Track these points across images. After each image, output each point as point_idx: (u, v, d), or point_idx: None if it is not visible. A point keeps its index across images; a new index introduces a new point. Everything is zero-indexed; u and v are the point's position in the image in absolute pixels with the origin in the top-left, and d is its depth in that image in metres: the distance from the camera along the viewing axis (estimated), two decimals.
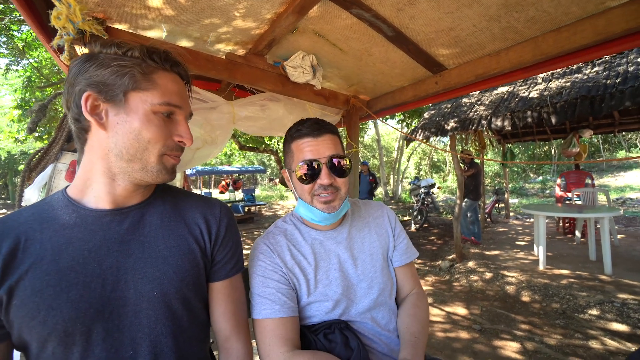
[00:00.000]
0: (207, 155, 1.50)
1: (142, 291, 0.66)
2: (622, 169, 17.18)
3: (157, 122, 0.66)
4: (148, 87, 0.65)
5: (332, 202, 0.87)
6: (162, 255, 0.70)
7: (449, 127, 4.92)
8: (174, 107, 0.68)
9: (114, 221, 0.68)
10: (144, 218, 0.72)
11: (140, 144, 0.65)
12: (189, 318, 0.72)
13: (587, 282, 3.59)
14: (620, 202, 10.30)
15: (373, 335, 0.92)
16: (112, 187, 0.68)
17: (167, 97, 0.66)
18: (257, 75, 1.59)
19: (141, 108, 0.64)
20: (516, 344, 2.57)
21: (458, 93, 1.64)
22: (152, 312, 0.67)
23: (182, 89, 0.71)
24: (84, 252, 0.64)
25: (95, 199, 0.68)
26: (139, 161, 0.66)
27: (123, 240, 0.67)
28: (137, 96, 0.64)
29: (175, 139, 0.69)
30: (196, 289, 0.74)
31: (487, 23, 1.19)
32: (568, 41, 1.09)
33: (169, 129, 0.68)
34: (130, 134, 0.64)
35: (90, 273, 0.63)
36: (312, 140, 0.87)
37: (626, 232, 6.11)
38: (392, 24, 1.29)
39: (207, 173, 13.62)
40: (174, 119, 0.69)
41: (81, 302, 0.61)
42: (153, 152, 0.66)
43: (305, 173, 0.86)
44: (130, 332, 0.65)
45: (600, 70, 4.16)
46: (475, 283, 3.97)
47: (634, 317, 2.84)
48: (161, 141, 0.66)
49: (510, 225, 7.32)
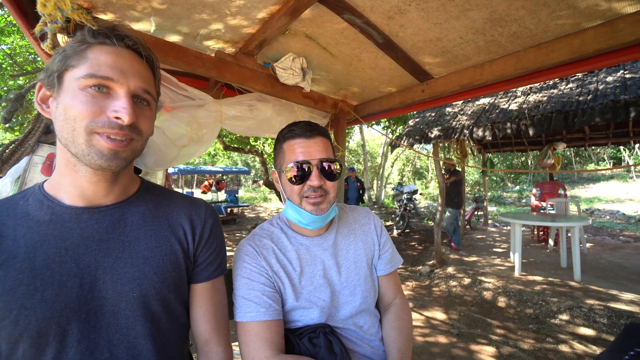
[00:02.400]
0: (192, 153, 1.47)
1: (121, 291, 0.64)
2: (591, 181, 18.17)
3: (83, 97, 0.58)
4: (78, 63, 0.59)
5: (320, 205, 0.87)
6: (143, 256, 0.67)
7: (432, 135, 5.05)
8: (104, 78, 0.59)
9: (92, 219, 0.65)
10: (125, 217, 0.69)
11: (69, 124, 0.59)
12: (169, 320, 0.70)
13: (559, 288, 3.75)
14: (589, 212, 10.86)
15: (356, 339, 0.93)
16: (77, 179, 0.64)
17: (93, 68, 0.58)
18: (246, 75, 1.57)
19: (69, 86, 0.59)
20: (492, 348, 2.65)
21: (443, 102, 1.69)
22: (131, 313, 0.65)
23: (124, 60, 0.62)
24: (60, 250, 0.61)
25: (67, 194, 0.65)
26: (72, 144, 0.60)
27: (102, 239, 0.65)
28: (69, 75, 0.60)
29: (110, 115, 0.60)
30: (177, 290, 0.72)
31: (473, 36, 1.24)
32: (547, 57, 1.15)
33: (101, 105, 0.59)
34: (61, 115, 0.60)
35: (67, 272, 0.60)
36: (304, 141, 0.86)
37: (594, 240, 6.45)
38: (382, 31, 1.32)
39: (190, 172, 13.32)
40: (111, 94, 0.61)
41: (56, 301, 0.58)
42: (79, 130, 0.59)
43: (295, 174, 0.85)
44: (107, 333, 0.62)
45: (574, 87, 4.40)
46: (454, 288, 4.07)
47: (599, 321, 3.00)
48: (88, 117, 0.58)
49: (488, 233, 7.56)
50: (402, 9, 1.15)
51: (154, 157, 1.28)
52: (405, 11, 1.17)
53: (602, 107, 3.54)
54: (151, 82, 0.68)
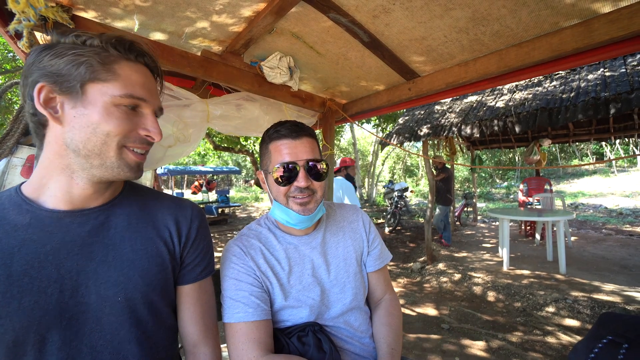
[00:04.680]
0: (179, 153, 1.46)
1: (105, 296, 0.62)
2: (575, 176, 18.66)
3: (118, 114, 0.61)
4: (108, 77, 0.60)
5: (307, 205, 0.87)
6: (127, 259, 0.66)
7: (422, 133, 5.11)
8: (138, 99, 0.63)
9: (74, 223, 0.64)
10: (109, 220, 0.68)
11: (99, 138, 0.60)
12: (155, 323, 0.69)
13: (545, 281, 3.85)
14: (574, 207, 11.16)
15: (346, 336, 0.94)
16: (69, 185, 0.63)
17: (129, 88, 0.61)
18: (233, 74, 1.56)
19: (100, 100, 0.59)
20: (481, 342, 2.70)
21: (430, 99, 1.71)
22: (115, 319, 0.63)
23: (149, 81, 0.67)
24: (39, 255, 0.59)
25: (52, 198, 0.63)
26: (97, 157, 0.61)
27: (85, 243, 0.63)
28: (96, 88, 0.60)
29: (142, 132, 0.65)
30: (163, 293, 0.71)
31: (456, 34, 1.26)
32: (528, 55, 1.17)
33: (133, 122, 0.64)
34: (87, 127, 0.59)
35: (47, 278, 0.58)
36: (291, 142, 0.86)
37: (578, 234, 6.63)
38: (367, 30, 1.33)
39: (180, 173, 13.14)
40: (139, 112, 0.65)
41: (35, 309, 0.56)
42: (112, 145, 0.61)
43: (282, 175, 0.85)
44: (90, 339, 0.61)
45: (558, 84, 4.51)
46: (445, 284, 4.13)
47: (583, 312, 3.09)
48: (122, 133, 0.62)
49: (477, 228, 7.69)
50: (387, 7, 1.16)
51: None
52: (389, 10, 1.18)
53: (584, 104, 3.64)
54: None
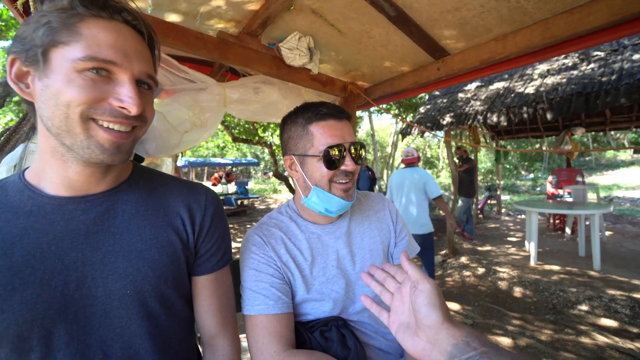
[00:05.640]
0: (195, 139, 1.42)
1: (113, 289, 0.58)
2: (610, 167, 17.57)
3: (80, 81, 0.50)
4: (69, 39, 0.50)
5: (350, 190, 0.84)
6: (136, 249, 0.61)
7: (444, 122, 4.90)
8: (106, 62, 0.51)
9: (78, 210, 0.58)
10: (116, 206, 0.62)
11: (61, 111, 0.50)
12: (168, 316, 0.65)
13: (577, 277, 3.63)
14: (608, 200, 10.51)
15: (371, 331, 0.89)
16: (64, 169, 0.57)
17: (92, 49, 0.50)
18: (250, 56, 1.49)
19: (61, 67, 0.50)
20: (508, 338, 2.58)
21: (461, 79, 1.58)
22: (125, 312, 0.59)
23: (127, 41, 0.55)
24: (41, 245, 0.55)
25: (51, 184, 0.58)
26: (67, 134, 0.52)
27: (90, 232, 0.58)
28: (59, 53, 0.50)
29: (114, 103, 0.53)
30: (176, 285, 0.66)
31: (495, 3, 1.13)
32: (580, 22, 1.03)
33: (102, 91, 0.52)
34: (50, 100, 0.51)
35: (50, 269, 0.54)
36: (336, 123, 0.82)
37: (614, 229, 6.23)
38: (394, 3, 1.21)
39: (200, 165, 13.43)
40: (112, 78, 0.53)
41: (38, 302, 0.53)
42: (74, 117, 0.51)
43: (332, 157, 0.79)
44: (99, 334, 0.57)
45: (596, 67, 4.17)
46: (468, 278, 3.98)
47: (621, 312, 2.88)
48: (86, 103, 0.51)
49: (502, 222, 7.40)
50: None
51: (154, 143, 1.23)
52: None
53: (628, 87, 3.34)
54: (152, 64, 0.61)
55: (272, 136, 7.95)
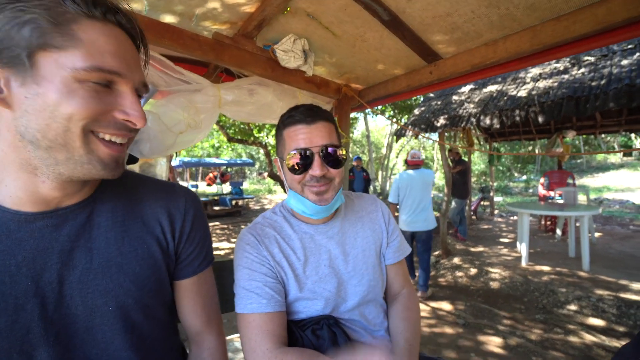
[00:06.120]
0: (190, 140, 1.42)
1: (93, 306, 0.55)
2: (600, 170, 17.87)
3: (83, 93, 0.46)
4: (65, 43, 0.44)
5: (324, 194, 0.82)
6: (115, 264, 0.58)
7: (438, 124, 4.94)
8: (110, 73, 0.47)
9: (49, 226, 0.53)
10: (91, 219, 0.57)
11: (60, 124, 0.45)
12: (151, 325, 0.64)
13: (567, 278, 3.69)
14: (598, 202, 10.68)
15: (360, 328, 0.91)
16: (34, 184, 0.50)
17: (97, 58, 0.45)
18: (245, 58, 1.50)
19: (57, 75, 0.44)
20: (499, 338, 2.61)
21: (453, 83, 1.61)
22: (108, 327, 0.57)
23: (125, 47, 0.50)
24: (10, 268, 0.50)
25: (12, 199, 0.51)
26: (63, 148, 0.47)
27: (64, 249, 0.54)
28: (50, 58, 0.44)
29: (119, 116, 0.50)
30: (158, 294, 0.65)
31: (485, 9, 1.16)
32: (567, 30, 1.06)
33: (105, 103, 0.48)
34: (44, 111, 0.45)
35: (23, 293, 0.50)
36: (305, 127, 0.81)
37: (603, 230, 6.34)
38: (388, 7, 1.24)
39: (194, 165, 13.35)
40: (115, 89, 0.50)
41: (14, 329, 0.49)
42: (75, 131, 0.46)
43: (297, 162, 0.79)
44: (82, 351, 0.55)
45: (586, 71, 4.24)
46: (460, 279, 4.02)
47: (608, 312, 2.94)
48: (90, 117, 0.47)
49: (494, 223, 7.48)
50: None
51: (149, 144, 1.23)
52: None
53: (617, 91, 3.41)
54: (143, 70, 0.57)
55: (267, 136, 7.93)
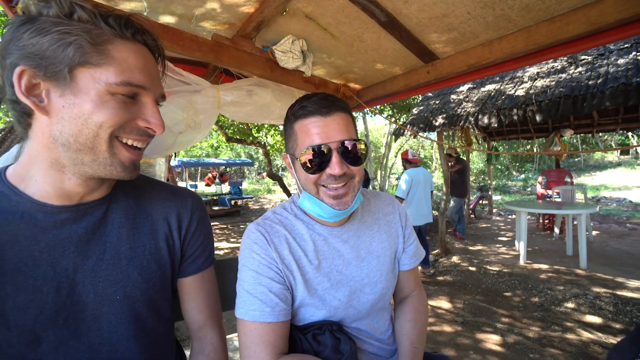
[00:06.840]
0: (190, 140, 1.43)
1: (103, 295, 0.61)
2: (597, 168, 17.94)
3: (113, 104, 0.53)
4: (101, 61, 0.52)
5: (344, 197, 0.74)
6: (126, 256, 0.64)
7: (437, 123, 4.96)
8: (137, 87, 0.55)
9: (69, 219, 0.59)
10: (107, 215, 0.64)
11: (91, 130, 0.53)
12: (154, 319, 0.68)
13: (564, 276, 3.72)
14: (595, 200, 10.73)
15: (365, 336, 0.86)
16: (60, 180, 0.57)
17: (127, 74, 0.53)
18: (244, 59, 1.52)
19: (93, 88, 0.52)
20: (497, 336, 2.64)
21: (450, 83, 1.62)
22: (114, 317, 0.62)
23: (149, 63, 0.58)
24: (33, 252, 0.56)
25: (40, 192, 0.57)
26: (90, 151, 0.54)
27: (81, 241, 0.60)
28: (87, 73, 0.52)
29: (141, 124, 0.58)
30: (162, 289, 0.70)
31: (481, 10, 1.17)
32: (561, 31, 1.08)
33: (131, 112, 0.56)
34: (79, 119, 0.52)
35: (42, 276, 0.56)
36: (320, 120, 0.71)
37: (600, 228, 6.38)
38: (385, 9, 1.25)
39: (193, 165, 13.35)
40: (138, 100, 0.58)
41: (30, 308, 0.54)
42: (103, 136, 0.54)
43: (311, 160, 0.70)
44: (88, 338, 0.59)
45: (583, 70, 4.27)
46: (459, 277, 4.05)
47: (605, 309, 2.97)
48: (117, 124, 0.54)
49: (493, 221, 7.51)
50: None
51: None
52: None
53: (613, 90, 3.44)
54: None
55: (266, 136, 7.95)
